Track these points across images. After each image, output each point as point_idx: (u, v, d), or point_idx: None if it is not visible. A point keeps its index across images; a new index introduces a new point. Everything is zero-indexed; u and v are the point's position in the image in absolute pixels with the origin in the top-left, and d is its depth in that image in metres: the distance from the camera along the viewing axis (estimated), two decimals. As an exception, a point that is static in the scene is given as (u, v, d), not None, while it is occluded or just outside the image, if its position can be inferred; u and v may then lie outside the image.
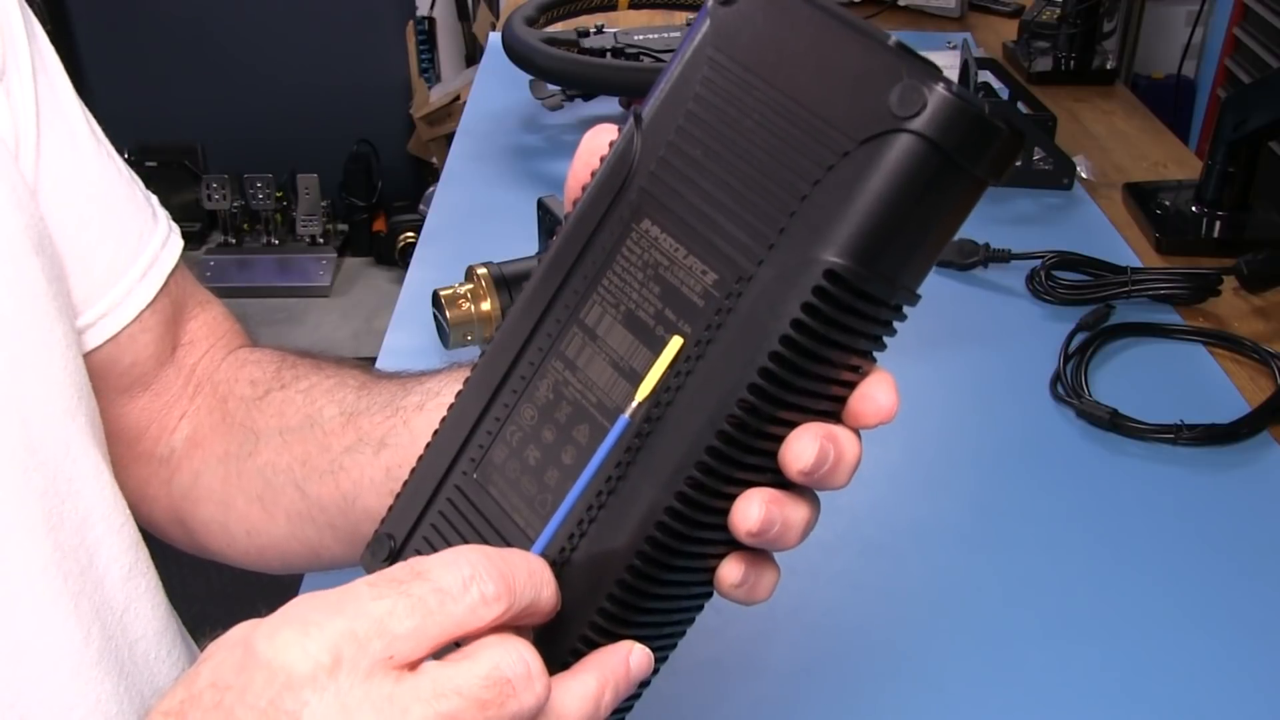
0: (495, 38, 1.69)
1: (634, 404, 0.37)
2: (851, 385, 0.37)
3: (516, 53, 1.32)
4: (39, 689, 0.51)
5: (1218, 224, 1.23)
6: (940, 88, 0.33)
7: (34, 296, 0.53)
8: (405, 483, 0.43)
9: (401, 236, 3.01)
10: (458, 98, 2.88)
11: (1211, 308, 1.11)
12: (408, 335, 1.07)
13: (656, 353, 0.37)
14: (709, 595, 0.40)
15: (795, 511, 0.38)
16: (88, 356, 0.59)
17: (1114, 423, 0.93)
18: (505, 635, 0.35)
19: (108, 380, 0.61)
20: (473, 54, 3.10)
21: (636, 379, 0.37)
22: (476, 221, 1.28)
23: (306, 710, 0.32)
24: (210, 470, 0.63)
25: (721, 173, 0.37)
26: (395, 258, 3.02)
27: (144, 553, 0.58)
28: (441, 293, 1.00)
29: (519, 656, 0.34)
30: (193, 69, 3.01)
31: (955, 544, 0.84)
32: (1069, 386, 0.98)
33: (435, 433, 0.42)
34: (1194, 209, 1.24)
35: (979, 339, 1.09)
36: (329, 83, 3.05)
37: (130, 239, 0.61)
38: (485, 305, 0.99)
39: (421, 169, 3.13)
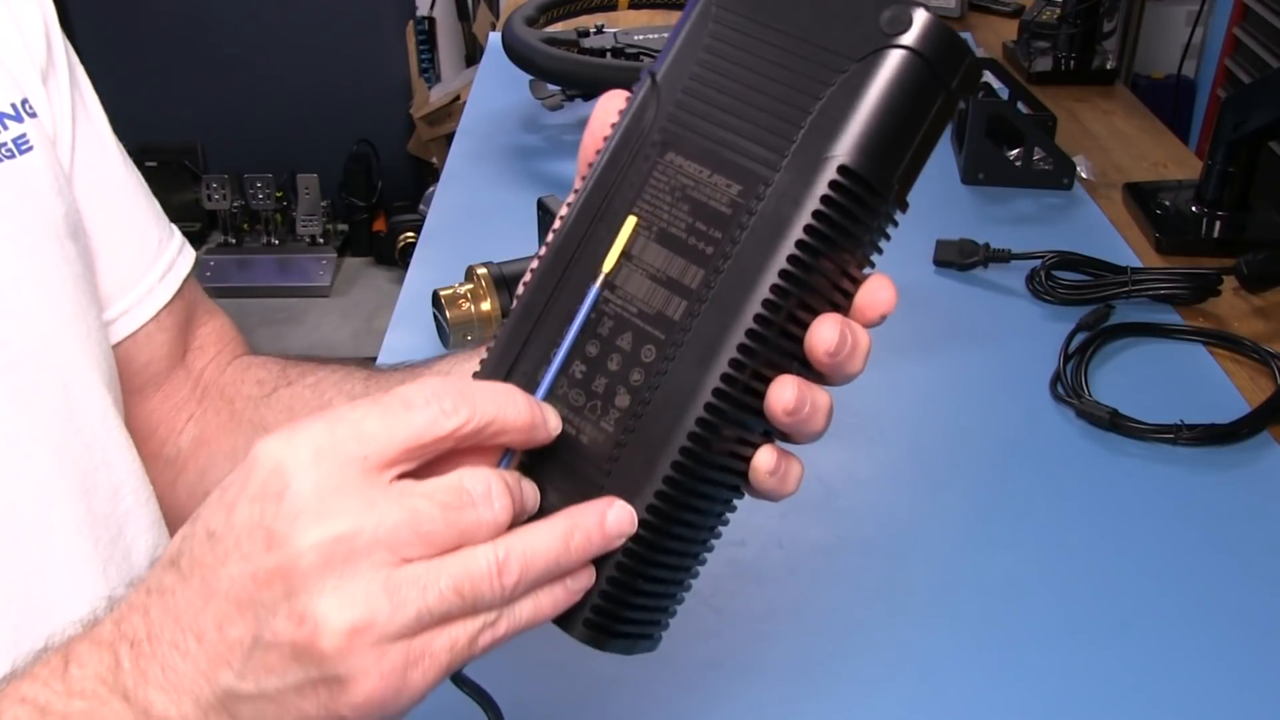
0: (495, 38, 1.69)
1: (602, 275, 0.43)
2: (857, 284, 0.43)
3: (516, 53, 1.32)
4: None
5: (1218, 224, 1.23)
6: (922, 10, 0.40)
7: (74, 277, 0.57)
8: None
9: (401, 236, 3.01)
10: (458, 98, 2.88)
11: (1211, 308, 1.11)
12: (408, 335, 1.07)
13: (691, 260, 0.42)
14: (740, 492, 0.45)
15: (820, 395, 0.42)
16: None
17: (1114, 423, 0.93)
18: (479, 463, 0.40)
19: (124, 377, 0.63)
20: (473, 54, 3.10)
21: (676, 286, 0.42)
22: (476, 221, 1.28)
23: (289, 491, 0.37)
24: (217, 466, 0.65)
25: (736, 103, 0.42)
26: (395, 258, 3.02)
27: (165, 536, 0.60)
28: (441, 293, 1.00)
29: (483, 476, 0.39)
30: (193, 69, 3.01)
31: (955, 544, 0.84)
32: (1069, 386, 0.98)
33: (484, 360, 0.45)
34: (1194, 209, 1.24)
35: (979, 339, 1.09)
36: (329, 83, 3.05)
37: (150, 244, 0.66)
38: (485, 305, 0.99)
39: (421, 169, 3.13)
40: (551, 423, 0.42)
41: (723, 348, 0.41)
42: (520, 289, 0.46)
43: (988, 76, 1.45)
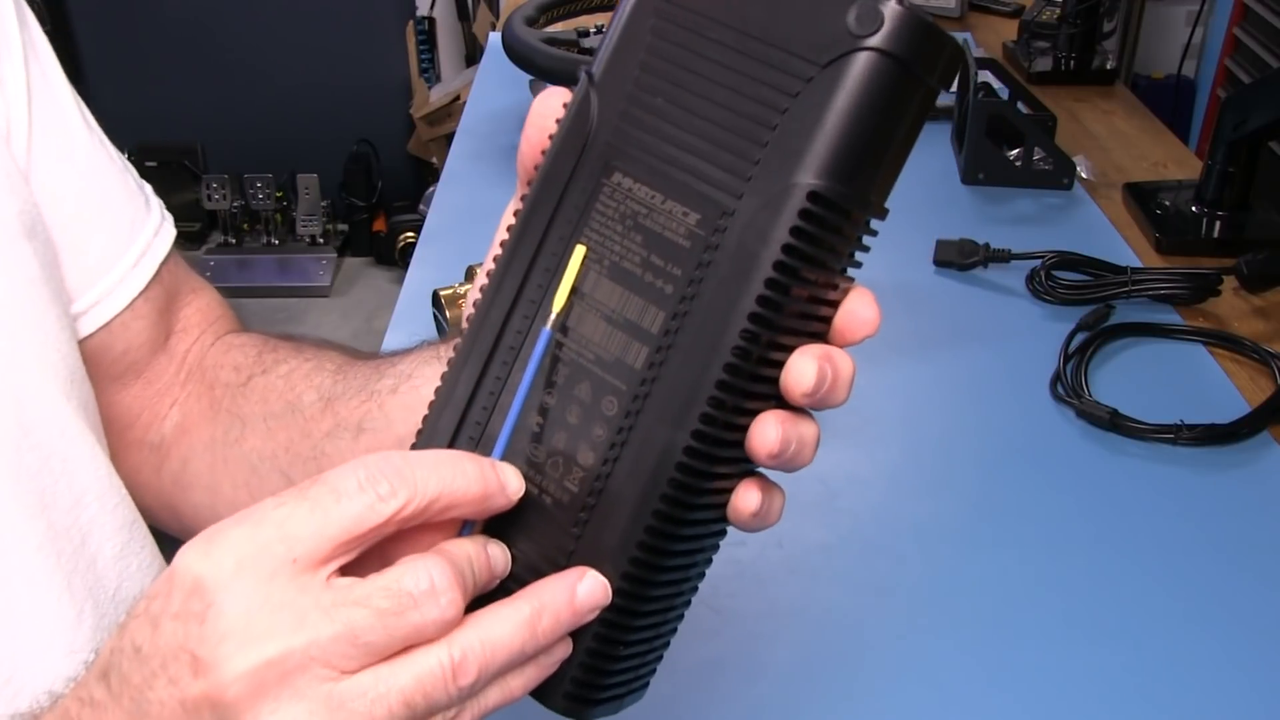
0: (495, 38, 1.69)
1: (553, 315, 0.39)
2: (836, 305, 0.39)
3: (516, 53, 1.32)
4: (33, 666, 0.51)
5: (1218, 224, 1.23)
6: (894, 3, 0.35)
7: (27, 282, 0.54)
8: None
9: (401, 236, 3.01)
10: (458, 98, 2.88)
11: (1211, 308, 1.11)
12: (408, 335, 1.07)
13: (650, 300, 0.38)
14: (724, 533, 0.41)
15: (807, 428, 0.39)
16: (81, 344, 0.60)
17: (1114, 423, 0.93)
18: (427, 553, 0.36)
19: (100, 367, 0.61)
20: (473, 54, 3.10)
21: (635, 330, 0.38)
22: (476, 221, 1.28)
23: (211, 610, 0.34)
24: (198, 456, 0.63)
25: (687, 116, 0.38)
26: (395, 258, 3.02)
27: (139, 532, 0.59)
28: (441, 293, 1.00)
29: (425, 571, 0.35)
30: (193, 69, 3.01)
31: (955, 544, 0.84)
32: (1069, 386, 0.98)
33: (426, 417, 0.41)
34: (1194, 209, 1.24)
35: (979, 339, 1.09)
36: (329, 83, 3.05)
37: (122, 227, 0.62)
38: (485, 305, 0.99)
39: (421, 169, 3.13)
40: (511, 485, 0.38)
41: (693, 403, 0.37)
42: (464, 319, 0.42)
43: (987, 76, 1.45)
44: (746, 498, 0.39)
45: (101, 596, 0.55)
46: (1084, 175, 1.35)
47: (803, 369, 0.37)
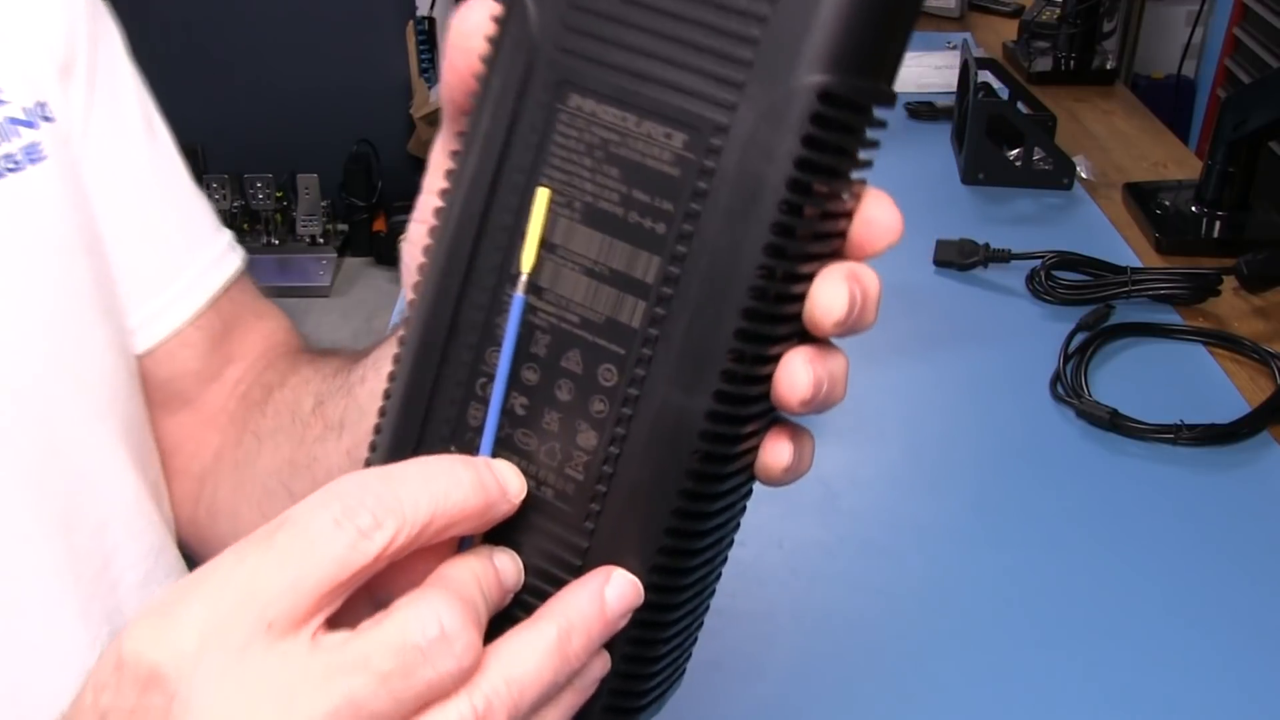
0: (495, 38, 1.68)
1: (523, 277, 0.32)
2: (850, 215, 0.33)
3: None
4: (45, 689, 0.51)
5: (1218, 224, 1.23)
6: None
7: (77, 297, 0.53)
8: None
9: (401, 236, 2.99)
10: (458, 98, 2.88)
11: (1211, 308, 1.11)
12: (408, 335, 1.07)
13: (639, 245, 0.31)
14: (751, 493, 0.36)
15: (836, 362, 0.33)
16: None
17: (1114, 423, 0.93)
18: (428, 588, 0.30)
19: (146, 391, 0.60)
20: (473, 54, 3.09)
21: (626, 282, 0.32)
22: (476, 221, 1.28)
23: (176, 704, 0.28)
24: (225, 482, 0.61)
25: (652, 15, 0.31)
26: (395, 258, 3.01)
27: (167, 559, 0.57)
28: (441, 293, 1.00)
29: (431, 614, 0.29)
30: (193, 69, 3.01)
31: (955, 544, 0.84)
32: (1069, 386, 0.98)
33: (381, 421, 0.35)
34: (1194, 209, 1.24)
35: (979, 339, 1.09)
36: (329, 83, 3.05)
37: (177, 253, 0.60)
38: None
39: (421, 169, 3.09)
40: (513, 487, 0.32)
41: (709, 359, 0.31)
42: (405, 306, 0.35)
43: (987, 76, 1.45)
44: (777, 452, 0.33)
45: (119, 622, 0.54)
46: (1084, 175, 1.35)
47: (831, 296, 0.31)
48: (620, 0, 0.31)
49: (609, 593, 0.32)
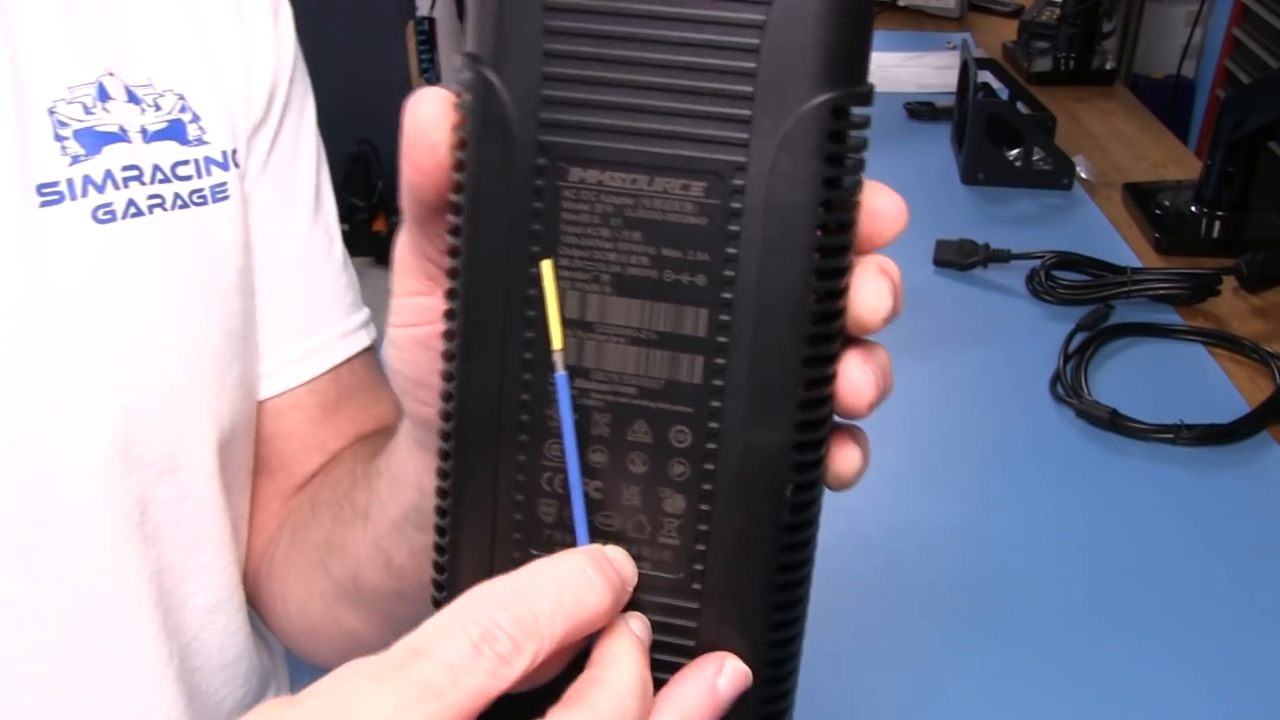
0: (495, 38, 1.68)
1: (558, 351, 0.31)
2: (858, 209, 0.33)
3: (516, 53, 1.32)
4: (116, 691, 0.53)
5: (1217, 224, 1.23)
6: None
7: (224, 332, 0.56)
8: (437, 601, 0.34)
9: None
10: (458, 98, 2.88)
11: (1211, 308, 1.11)
12: (408, 335, 1.07)
13: (681, 301, 0.31)
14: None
15: (883, 356, 0.33)
16: None
17: (1114, 423, 0.94)
18: (569, 708, 0.29)
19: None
20: (473, 54, 3.10)
21: (676, 341, 0.31)
22: (476, 221, 1.28)
23: None
24: (280, 543, 0.62)
25: (636, 72, 0.30)
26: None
27: (237, 598, 0.59)
28: (441, 293, 1.00)
29: None
30: (192, 69, 3.02)
31: (955, 544, 0.84)
32: (1069, 386, 0.98)
33: (444, 544, 0.34)
34: (1193, 209, 1.24)
35: (979, 339, 1.09)
36: (329, 83, 3.03)
37: (311, 318, 0.62)
38: (485, 305, 0.99)
39: (421, 169, 3.12)
40: (628, 571, 0.32)
41: (785, 393, 0.31)
42: (408, 416, 0.34)
43: (987, 77, 1.45)
44: (849, 458, 0.34)
45: (176, 641, 0.55)
46: (1084, 175, 1.35)
47: (873, 295, 0.32)
48: (596, 62, 0.30)
49: (721, 683, 0.32)
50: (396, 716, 0.27)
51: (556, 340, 0.31)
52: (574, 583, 0.30)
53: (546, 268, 0.31)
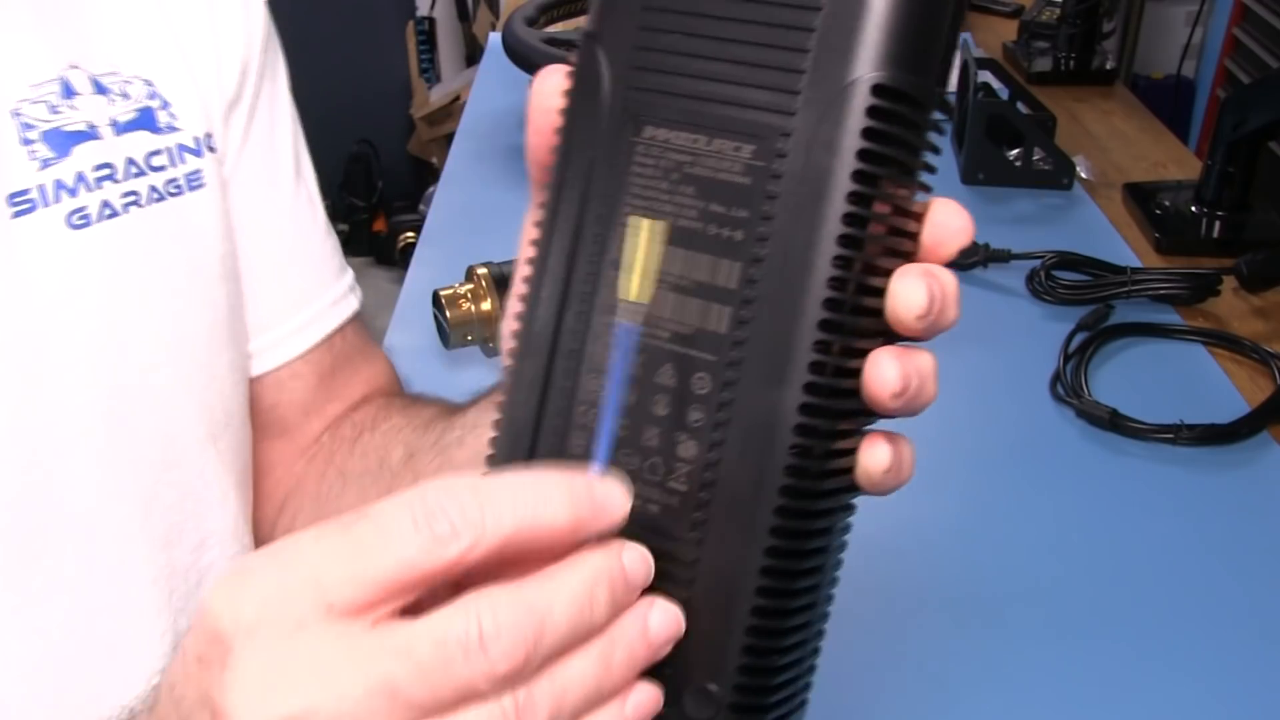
0: (495, 38, 1.69)
1: (631, 300, 0.34)
2: (920, 220, 0.35)
3: (516, 53, 1.32)
4: (126, 694, 0.53)
5: (1217, 224, 1.23)
6: None
7: (212, 320, 0.55)
8: None
9: (401, 236, 3.01)
10: (458, 98, 2.88)
11: (1211, 308, 1.11)
12: (408, 335, 1.07)
13: (720, 254, 0.33)
14: (854, 508, 0.37)
15: (924, 360, 0.35)
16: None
17: (1114, 423, 0.94)
18: (487, 590, 0.30)
19: (250, 416, 0.62)
20: (473, 54, 3.10)
21: (711, 291, 0.33)
22: (476, 221, 1.28)
23: (231, 658, 0.30)
24: (304, 511, 0.63)
25: (709, 42, 0.34)
26: (395, 258, 3.02)
27: None
28: (441, 293, 1.00)
29: (474, 615, 0.29)
30: (193, 69, 3.01)
31: (955, 544, 0.84)
32: (1069, 386, 0.98)
33: (493, 441, 0.36)
34: (1194, 209, 1.24)
35: (979, 339, 1.09)
36: (329, 83, 3.04)
37: (303, 289, 0.62)
38: (485, 305, 0.99)
39: (421, 169, 3.13)
40: (615, 503, 0.32)
41: (796, 352, 0.32)
42: (506, 338, 0.37)
43: (987, 76, 1.45)
44: (875, 455, 0.35)
45: None
46: (1084, 175, 1.35)
47: (910, 290, 0.33)
48: (682, 34, 0.34)
49: (652, 619, 0.32)
50: (322, 563, 0.30)
51: (634, 292, 0.34)
52: (533, 493, 0.31)
53: (644, 227, 0.34)
